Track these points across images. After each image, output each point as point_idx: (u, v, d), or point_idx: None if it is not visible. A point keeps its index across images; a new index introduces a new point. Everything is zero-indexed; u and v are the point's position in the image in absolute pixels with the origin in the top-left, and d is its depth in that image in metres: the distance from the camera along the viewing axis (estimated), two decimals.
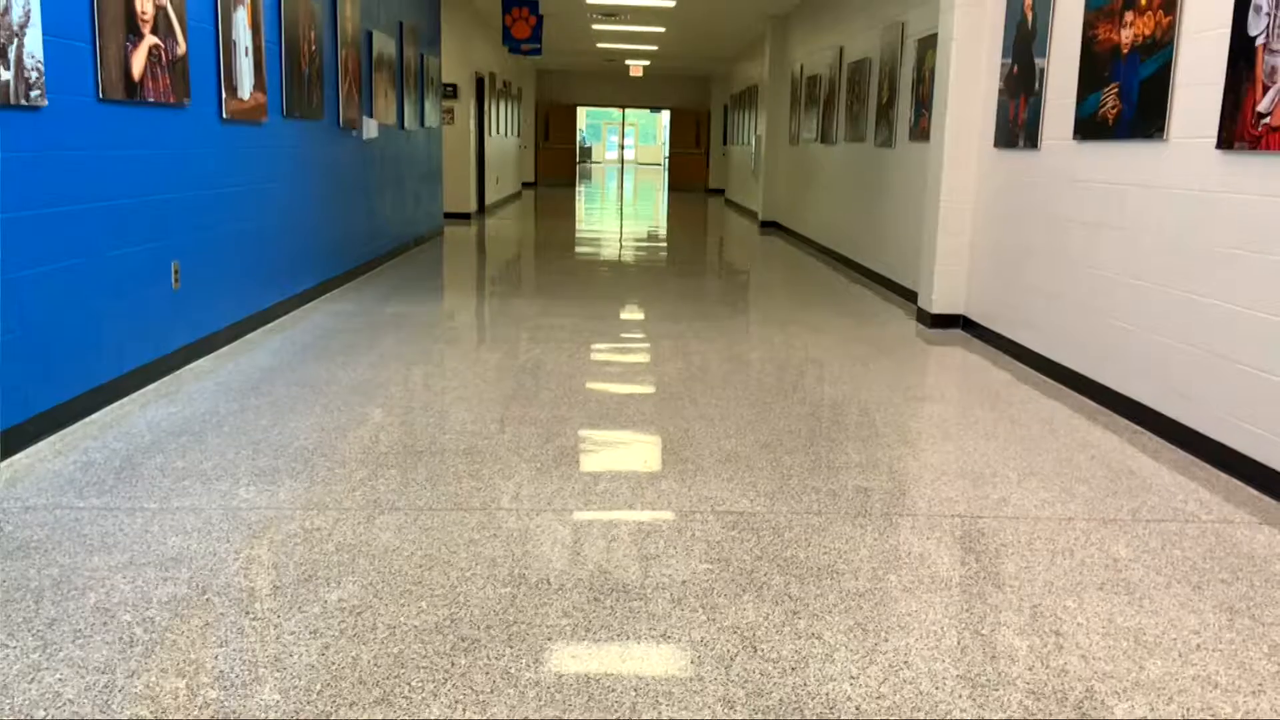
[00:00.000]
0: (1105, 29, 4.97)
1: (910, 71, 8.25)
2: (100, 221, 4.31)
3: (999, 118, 6.31)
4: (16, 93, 3.60)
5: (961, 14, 6.57)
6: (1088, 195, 5.18)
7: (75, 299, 4.12)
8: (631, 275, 9.58)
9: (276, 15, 6.26)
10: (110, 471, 3.55)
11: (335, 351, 5.63)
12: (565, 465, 3.78)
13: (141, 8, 4.52)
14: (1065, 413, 4.82)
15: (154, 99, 4.67)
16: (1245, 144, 3.84)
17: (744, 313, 7.60)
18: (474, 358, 5.68)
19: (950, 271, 6.88)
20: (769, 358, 5.86)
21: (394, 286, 8.13)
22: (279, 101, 6.35)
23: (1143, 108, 4.61)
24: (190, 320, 5.21)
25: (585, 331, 6.46)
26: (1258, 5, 3.77)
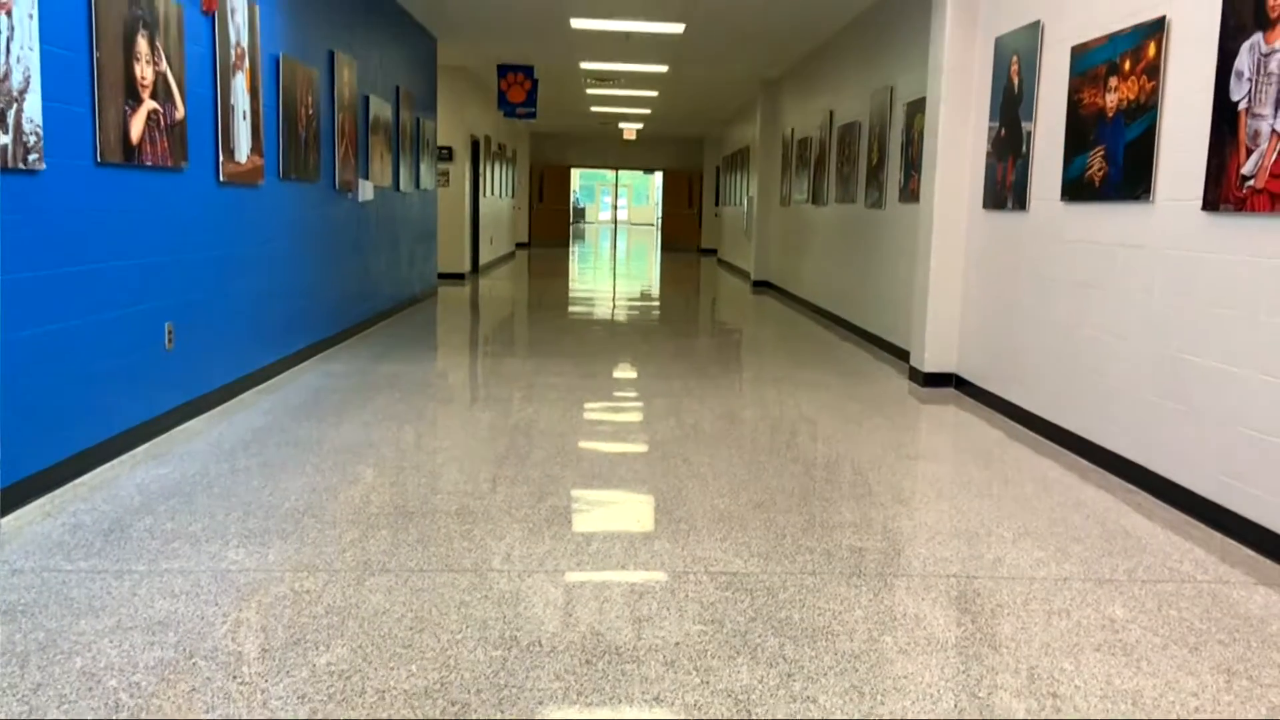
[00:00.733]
0: (1090, 93, 5.05)
1: (899, 134, 8.37)
2: (95, 283, 4.33)
3: (987, 179, 6.39)
4: (14, 156, 3.64)
5: (949, 79, 6.68)
6: (1076, 255, 5.23)
7: (68, 361, 4.12)
8: (625, 334, 9.61)
9: (275, 80, 6.35)
10: (99, 534, 3.53)
11: (327, 411, 5.62)
12: (557, 525, 3.76)
13: (141, 74, 4.58)
14: (1058, 471, 4.82)
15: (151, 162, 4.72)
16: (1230, 206, 3.89)
17: (737, 371, 7.61)
18: (466, 417, 5.68)
19: (941, 330, 6.92)
20: (762, 416, 5.86)
21: (387, 346, 8.15)
22: (275, 164, 6.41)
23: (1128, 170, 4.68)
24: (183, 381, 5.20)
25: (578, 390, 6.46)
26: (1239, 71, 3.84)
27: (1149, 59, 4.52)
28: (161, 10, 4.77)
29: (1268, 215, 3.71)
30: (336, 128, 7.73)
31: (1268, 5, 3.69)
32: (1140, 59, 4.59)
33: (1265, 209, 3.69)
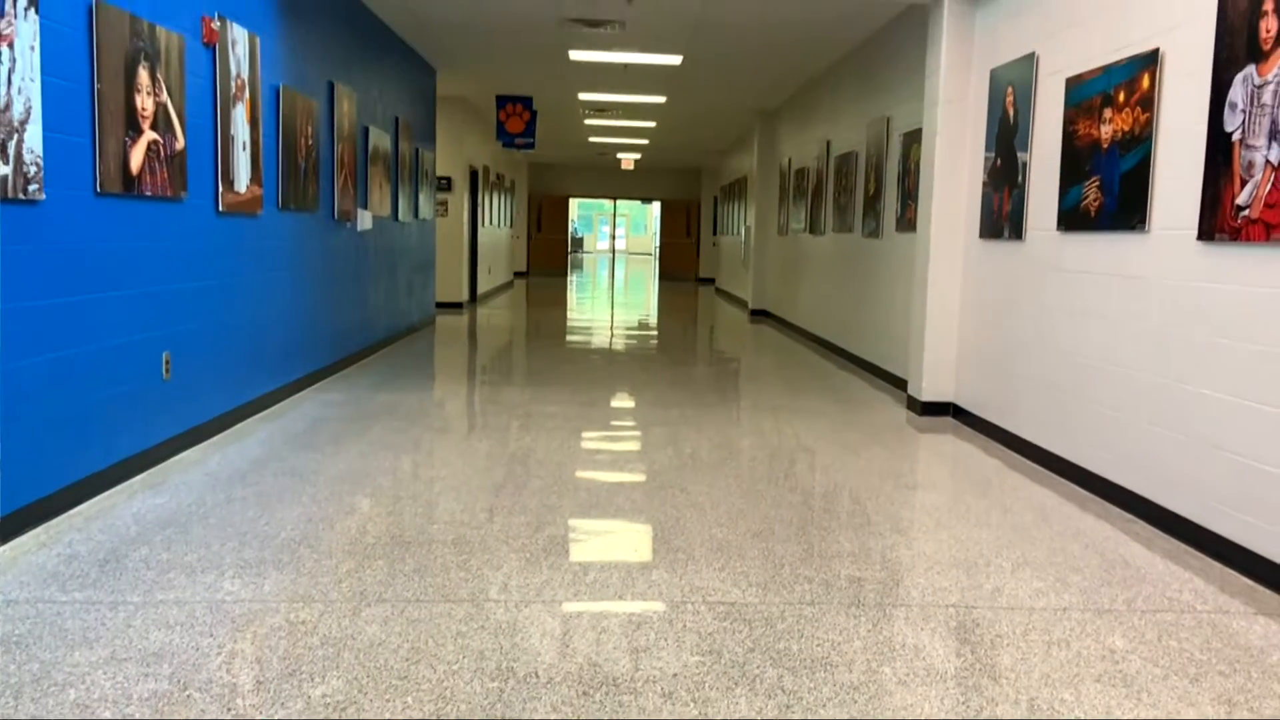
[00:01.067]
0: (1085, 124, 5.09)
1: (896, 164, 8.41)
2: (94, 313, 4.33)
3: (984, 209, 6.42)
4: (14, 186, 3.65)
5: (945, 109, 6.73)
6: (1073, 285, 5.24)
7: (65, 390, 4.12)
8: (622, 363, 9.61)
9: (275, 111, 6.39)
10: (94, 564, 3.51)
11: (324, 441, 5.61)
12: (555, 555, 3.75)
13: (142, 105, 4.61)
14: (1057, 501, 4.81)
15: (151, 192, 4.74)
16: (1226, 235, 3.91)
17: (734, 400, 7.61)
18: (464, 446, 5.67)
19: (939, 359, 6.93)
20: (760, 445, 5.85)
21: (385, 375, 8.14)
22: (275, 194, 6.44)
23: (1124, 200, 4.70)
24: (180, 411, 5.20)
25: (576, 419, 6.46)
26: (1233, 103, 3.87)
27: (1143, 91, 4.56)
28: (163, 42, 4.80)
29: (1263, 245, 3.73)
30: (336, 158, 7.77)
31: (1260, 38, 3.72)
32: (1134, 91, 4.63)
33: (1260, 239, 3.71)
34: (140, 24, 4.59)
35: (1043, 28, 5.66)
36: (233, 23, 5.66)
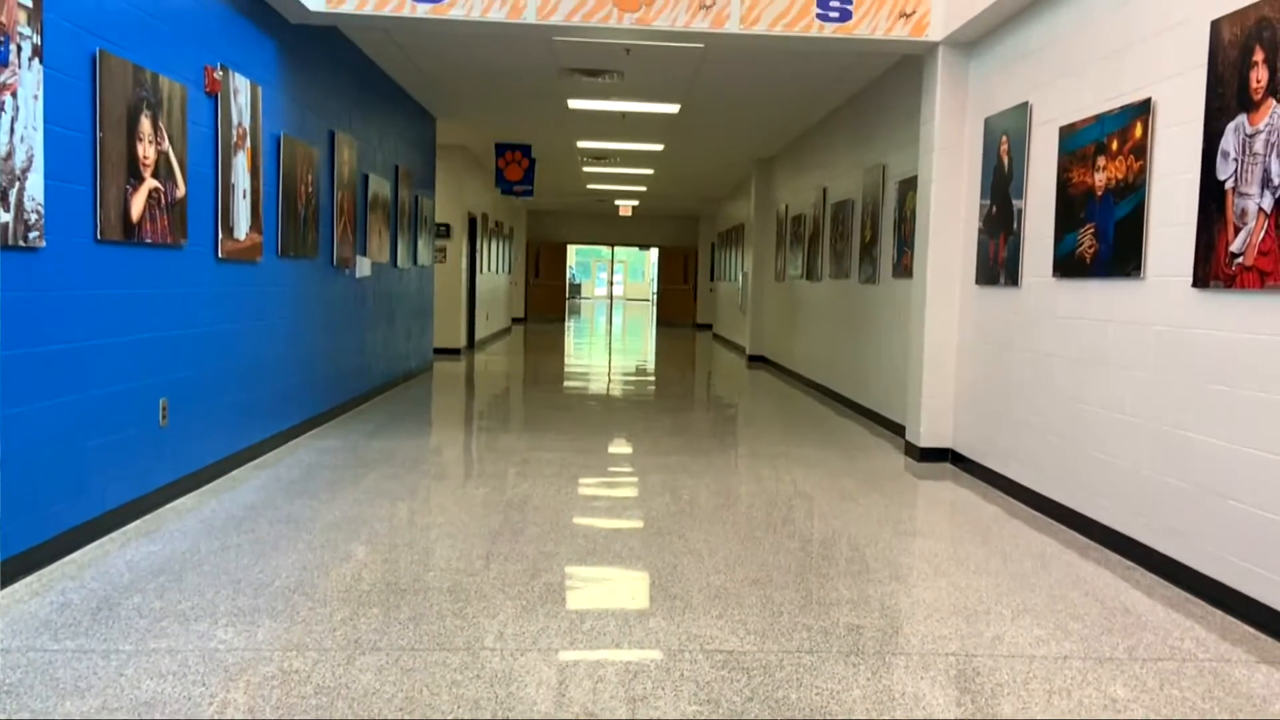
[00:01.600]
0: (1079, 172, 5.13)
1: (892, 211, 8.47)
2: (92, 360, 4.33)
3: (979, 256, 6.46)
4: (15, 234, 3.67)
5: (940, 157, 6.79)
6: (1069, 331, 5.26)
7: (62, 437, 4.11)
8: (620, 409, 9.60)
9: (275, 159, 6.44)
10: (87, 612, 3.48)
11: (320, 487, 5.59)
12: (551, 602, 3.72)
13: (144, 153, 4.65)
14: (1056, 548, 4.78)
15: (151, 240, 4.76)
16: (1220, 282, 3.93)
17: (732, 446, 7.60)
18: (460, 493, 5.65)
19: (937, 406, 6.93)
20: (758, 492, 5.83)
21: (382, 422, 8.13)
22: (274, 241, 6.47)
23: (1119, 247, 4.73)
24: (175, 458, 5.18)
25: (573, 466, 6.44)
26: (1224, 151, 3.91)
27: (1136, 139, 4.60)
28: (165, 91, 4.85)
29: (1258, 292, 3.75)
30: (335, 205, 7.82)
31: (1250, 88, 3.77)
32: (1127, 139, 4.68)
33: (1255, 286, 3.73)
34: (143, 74, 4.64)
35: (1036, 77, 5.73)
36: (235, 73, 5.72)
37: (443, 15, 6.34)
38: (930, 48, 6.78)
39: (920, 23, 6.54)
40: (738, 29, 6.46)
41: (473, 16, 6.35)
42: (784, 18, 6.45)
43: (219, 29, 5.57)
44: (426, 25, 6.54)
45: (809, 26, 6.47)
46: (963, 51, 6.71)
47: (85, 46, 4.18)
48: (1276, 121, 3.63)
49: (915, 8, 6.52)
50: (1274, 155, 3.63)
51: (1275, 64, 3.65)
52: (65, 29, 4.02)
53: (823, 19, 6.47)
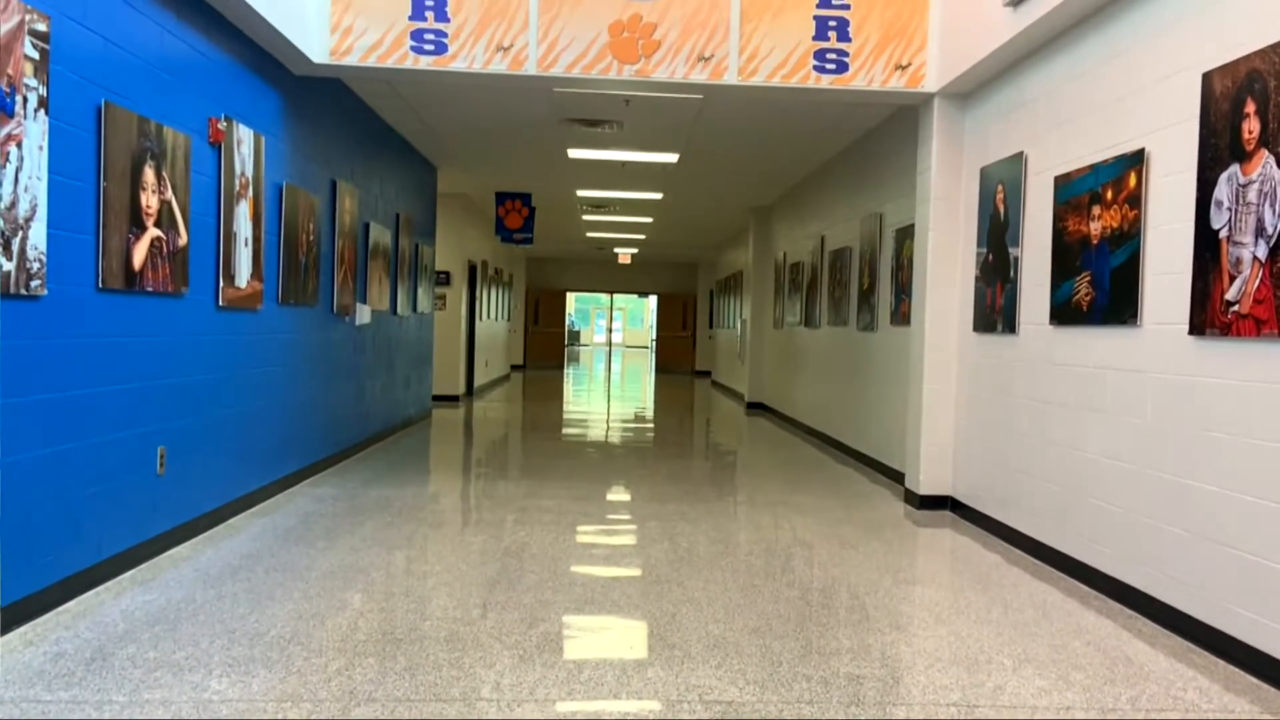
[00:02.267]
0: (1075, 221, 5.17)
1: (889, 259, 8.52)
2: (91, 407, 4.33)
3: (977, 303, 6.48)
4: (17, 282, 3.69)
5: (937, 206, 6.85)
6: (1067, 378, 5.27)
7: (60, 485, 4.10)
8: (619, 457, 9.58)
9: (277, 208, 6.48)
10: (81, 663, 3.45)
11: (317, 536, 5.57)
12: (549, 652, 3.69)
13: (147, 202, 4.69)
14: (1058, 596, 4.75)
15: (153, 288, 4.78)
16: (1217, 330, 3.95)
17: (731, 494, 7.57)
18: (458, 541, 5.62)
19: (936, 453, 6.92)
20: (757, 539, 5.81)
21: (380, 469, 8.11)
22: (275, 289, 6.49)
23: (1115, 295, 4.76)
24: (172, 506, 5.16)
25: (571, 513, 6.41)
26: (1219, 200, 3.95)
27: (1130, 189, 4.65)
28: (169, 142, 4.90)
29: (1254, 340, 3.76)
30: (336, 253, 7.86)
31: (1243, 139, 3.82)
32: (1122, 189, 4.72)
33: (1251, 334, 3.74)
34: (148, 124, 4.69)
35: (1031, 128, 5.79)
36: (239, 123, 5.78)
37: (445, 67, 6.43)
38: (926, 99, 6.86)
39: (916, 74, 6.63)
40: (736, 80, 6.54)
41: (475, 69, 6.44)
42: (781, 69, 6.53)
43: (224, 80, 5.64)
44: (429, 77, 6.63)
45: (806, 78, 6.55)
46: (958, 102, 6.79)
47: (91, 98, 4.23)
48: (1269, 171, 3.67)
49: (911, 60, 6.61)
50: (1267, 205, 3.67)
51: (1267, 115, 3.69)
52: (71, 80, 4.08)
53: (819, 70, 6.56)
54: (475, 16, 6.41)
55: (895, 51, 6.59)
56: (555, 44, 6.44)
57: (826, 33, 6.54)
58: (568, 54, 6.46)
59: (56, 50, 3.93)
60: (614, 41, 6.48)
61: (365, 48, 6.39)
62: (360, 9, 6.37)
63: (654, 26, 6.48)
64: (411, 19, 6.38)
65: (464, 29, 6.41)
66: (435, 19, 6.39)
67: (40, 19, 3.78)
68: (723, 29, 6.51)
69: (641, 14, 6.47)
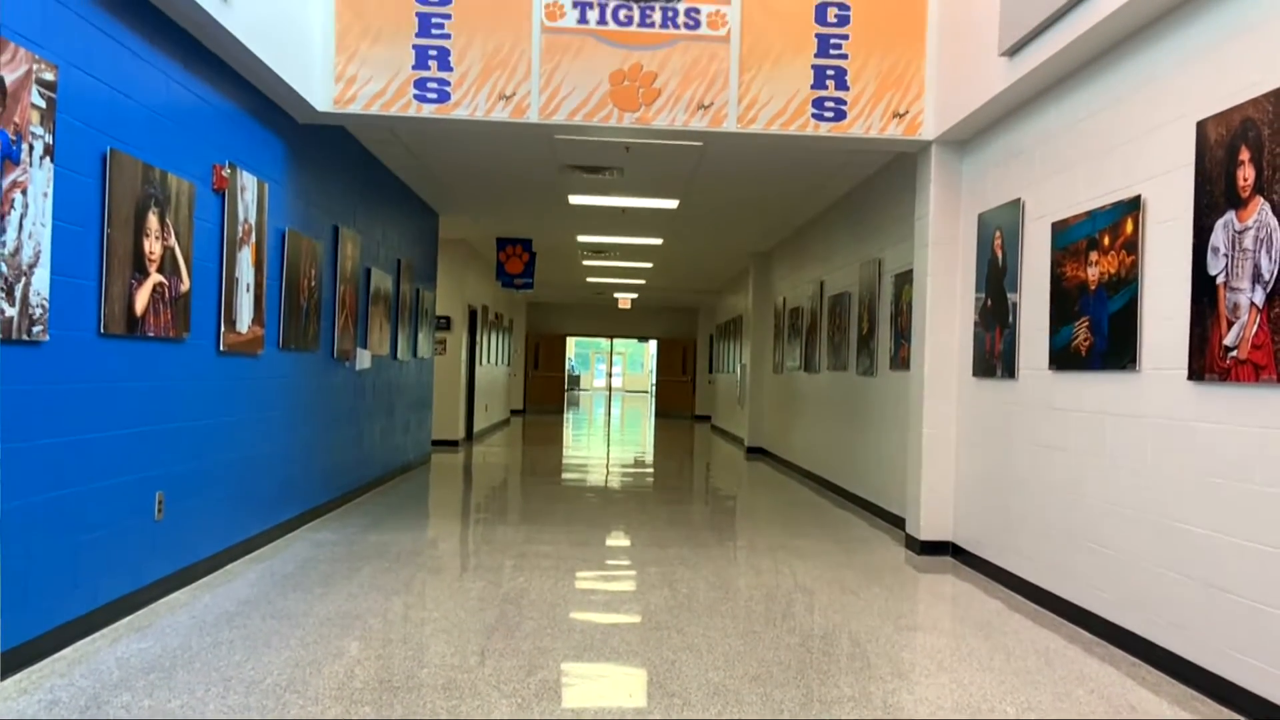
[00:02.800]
0: (1073, 266, 5.20)
1: (889, 304, 8.55)
2: (90, 452, 4.33)
3: (976, 348, 6.50)
4: (19, 328, 3.70)
5: (935, 252, 6.89)
6: (1067, 423, 5.27)
7: (58, 531, 4.08)
8: (618, 501, 9.55)
9: (279, 254, 6.52)
10: (75, 711, 3.42)
11: (314, 582, 5.53)
12: (547, 700, 3.65)
13: (150, 249, 4.72)
14: (1060, 643, 4.72)
15: (154, 333, 4.80)
16: (1215, 376, 3.96)
17: (731, 539, 7.54)
18: (456, 587, 5.59)
19: (936, 498, 6.90)
20: (757, 585, 5.77)
21: (378, 515, 8.08)
22: (276, 334, 6.51)
23: (1114, 340, 4.77)
24: (170, 552, 5.14)
25: (570, 559, 6.38)
26: (1215, 247, 3.97)
27: (1127, 235, 4.68)
28: (174, 189, 4.94)
29: (1252, 385, 3.77)
30: (338, 299, 7.89)
31: (1238, 186, 3.85)
32: (1119, 235, 4.75)
33: (1249, 379, 3.75)
34: (153, 172, 4.73)
35: (1027, 174, 5.84)
36: (243, 170, 5.84)
37: (448, 115, 6.49)
38: (923, 146, 6.92)
39: (913, 122, 6.70)
40: (735, 128, 6.61)
41: (477, 116, 6.50)
42: (780, 117, 6.60)
43: (228, 128, 5.70)
44: (431, 125, 6.69)
45: (805, 126, 6.62)
46: (955, 149, 6.85)
47: (96, 145, 4.28)
48: (1265, 218, 3.70)
49: (908, 108, 6.68)
50: (1264, 251, 3.69)
51: (1261, 163, 3.73)
52: (77, 128, 4.12)
53: (818, 118, 6.63)
54: (478, 66, 6.49)
55: (893, 100, 6.67)
56: (557, 92, 6.52)
57: (825, 81, 6.62)
58: (569, 102, 6.53)
59: (63, 99, 3.98)
60: (615, 90, 6.55)
61: (369, 96, 6.46)
62: (365, 59, 6.45)
63: (654, 75, 6.56)
64: (415, 68, 6.46)
65: (467, 78, 6.48)
66: (439, 68, 6.47)
67: (48, 68, 3.83)
68: (722, 78, 6.58)
69: (642, 63, 6.56)
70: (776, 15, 6.59)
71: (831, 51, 6.62)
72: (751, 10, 6.58)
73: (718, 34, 6.57)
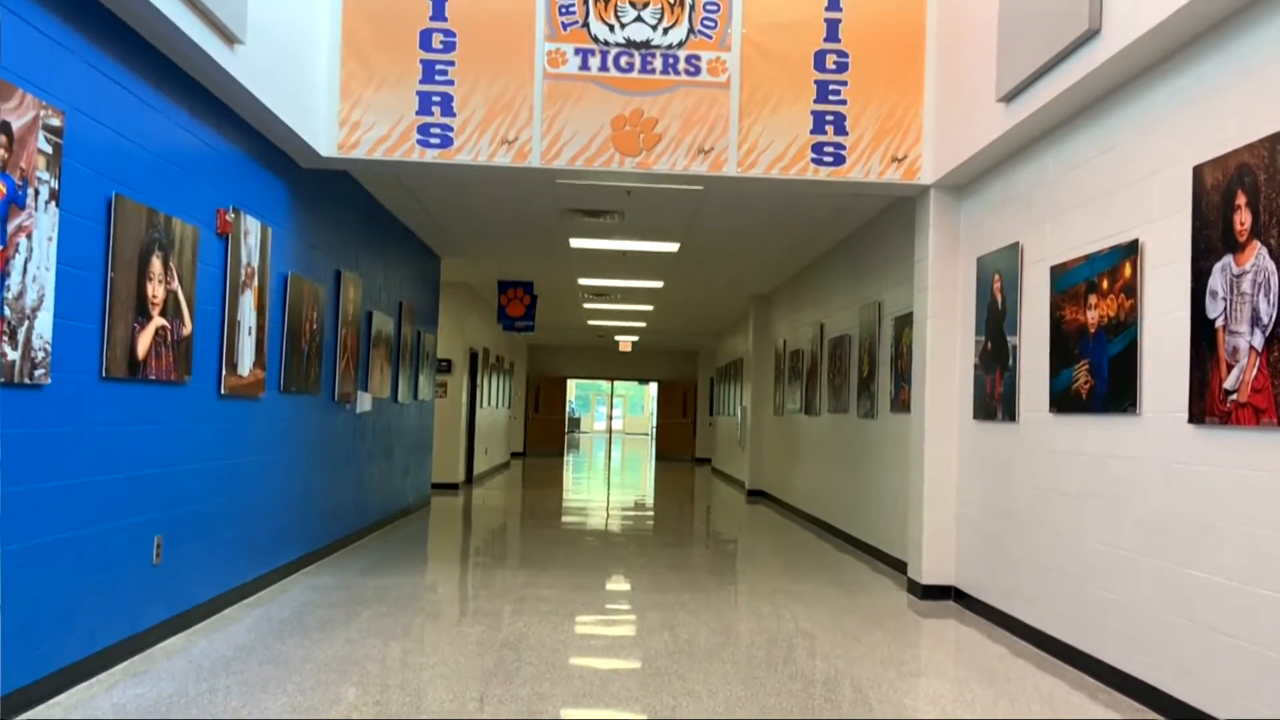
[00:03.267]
0: (1072, 310, 5.22)
1: (889, 346, 8.57)
2: (91, 496, 4.32)
3: (976, 391, 6.50)
4: (21, 371, 3.71)
5: (934, 295, 6.91)
6: (1068, 466, 5.26)
7: (56, 576, 4.06)
8: (618, 545, 9.50)
9: (282, 297, 6.54)
10: None
11: (312, 627, 5.49)
12: None
13: (153, 292, 4.74)
14: (1064, 690, 4.67)
15: (155, 377, 4.81)
16: (1216, 419, 3.95)
17: (732, 583, 7.49)
18: (455, 632, 5.54)
19: (938, 541, 6.86)
20: (758, 630, 5.73)
21: (377, 558, 8.03)
22: (277, 377, 6.52)
23: (1114, 383, 4.77)
24: (168, 596, 5.11)
25: (570, 603, 6.34)
26: (1213, 290, 3.99)
27: (1126, 278, 4.70)
28: (178, 233, 4.98)
29: (1254, 429, 3.77)
30: (339, 342, 7.91)
31: (1235, 230, 3.87)
32: (1117, 278, 4.77)
33: (1250, 423, 3.75)
34: (157, 216, 4.77)
35: (1025, 218, 5.88)
36: (246, 214, 5.87)
37: (450, 160, 6.55)
38: (922, 190, 6.97)
39: (912, 167, 6.75)
40: (735, 172, 6.66)
41: (479, 161, 6.56)
42: (780, 161, 6.66)
43: (232, 173, 5.74)
44: (434, 169, 6.75)
45: (804, 170, 6.67)
46: (954, 194, 6.90)
47: (102, 190, 4.31)
48: (1262, 262, 3.72)
49: (907, 152, 6.74)
50: (1262, 295, 3.71)
51: (1258, 207, 3.76)
52: (83, 173, 4.16)
53: (817, 163, 6.68)
54: (481, 111, 6.55)
55: (891, 145, 6.73)
56: (559, 137, 6.58)
57: (824, 127, 6.68)
58: (571, 146, 6.59)
59: (70, 144, 4.02)
60: (616, 135, 6.61)
61: (373, 141, 6.52)
62: (369, 105, 6.52)
63: (655, 121, 6.62)
64: (419, 114, 6.52)
65: (469, 123, 6.55)
66: (442, 114, 6.53)
67: (55, 114, 3.87)
68: (722, 123, 6.65)
69: (643, 109, 6.62)
70: (776, 62, 6.67)
71: (830, 97, 6.69)
72: (751, 57, 6.66)
73: (718, 80, 6.64)
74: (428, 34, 6.52)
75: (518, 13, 6.59)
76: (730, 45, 6.65)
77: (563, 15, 6.59)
